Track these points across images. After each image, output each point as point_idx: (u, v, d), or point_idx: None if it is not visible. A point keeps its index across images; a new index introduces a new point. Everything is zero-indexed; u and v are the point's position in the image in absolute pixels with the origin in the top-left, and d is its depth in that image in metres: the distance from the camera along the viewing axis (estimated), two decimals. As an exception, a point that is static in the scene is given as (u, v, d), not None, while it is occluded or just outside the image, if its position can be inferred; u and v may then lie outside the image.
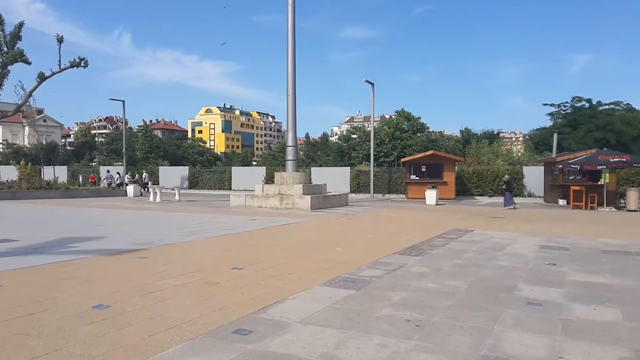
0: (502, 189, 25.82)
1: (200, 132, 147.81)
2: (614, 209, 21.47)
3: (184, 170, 43.46)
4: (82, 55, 30.21)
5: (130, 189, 30.33)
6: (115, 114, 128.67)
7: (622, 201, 22.20)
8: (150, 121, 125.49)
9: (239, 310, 4.71)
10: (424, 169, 29.32)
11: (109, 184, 36.92)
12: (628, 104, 51.94)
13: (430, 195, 24.20)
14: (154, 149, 70.29)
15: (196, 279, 6.11)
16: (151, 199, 25.15)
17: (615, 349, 3.82)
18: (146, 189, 31.56)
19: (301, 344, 3.81)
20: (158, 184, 31.58)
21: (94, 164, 66.72)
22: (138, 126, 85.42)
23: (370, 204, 23.93)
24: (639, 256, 8.42)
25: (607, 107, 50.49)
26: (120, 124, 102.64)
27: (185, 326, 4.22)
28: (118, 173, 39.16)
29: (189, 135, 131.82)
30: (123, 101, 39.94)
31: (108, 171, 40.83)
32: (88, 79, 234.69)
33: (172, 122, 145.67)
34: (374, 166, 34.20)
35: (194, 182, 41.87)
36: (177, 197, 26.09)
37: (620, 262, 7.77)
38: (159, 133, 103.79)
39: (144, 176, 36.97)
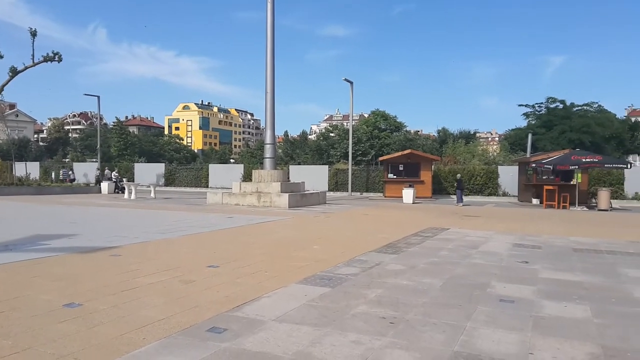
0: (454, 187, 26.22)
1: (177, 128, 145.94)
2: (585, 209, 21.94)
3: (160, 168, 42.91)
4: (56, 50, 29.69)
5: (105, 186, 29.83)
6: (90, 110, 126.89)
7: (594, 201, 22.69)
8: (126, 117, 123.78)
9: (213, 309, 4.68)
10: (401, 168, 29.56)
11: (63, 180, 37.55)
12: (599, 105, 53.11)
13: (408, 194, 24.42)
14: (129, 146, 69.38)
15: (171, 277, 6.05)
16: (126, 196, 24.79)
17: (584, 344, 3.90)
18: (115, 187, 30.87)
19: (276, 342, 3.81)
20: (134, 181, 31.08)
21: (67, 160, 65.49)
22: (113, 122, 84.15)
23: (348, 202, 24.01)
24: (609, 254, 8.62)
25: (580, 108, 51.50)
26: (95, 119, 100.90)
27: (159, 324, 4.17)
28: (71, 169, 40.65)
29: (166, 131, 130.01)
30: (98, 96, 39.53)
31: (63, 167, 41.43)
32: (62, 74, 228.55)
33: (149, 119, 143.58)
34: (352, 165, 34.34)
35: (170, 180, 41.36)
36: (152, 195, 25.74)
37: (590, 260, 7.94)
38: (134, 129, 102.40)
39: (106, 172, 35.74)
